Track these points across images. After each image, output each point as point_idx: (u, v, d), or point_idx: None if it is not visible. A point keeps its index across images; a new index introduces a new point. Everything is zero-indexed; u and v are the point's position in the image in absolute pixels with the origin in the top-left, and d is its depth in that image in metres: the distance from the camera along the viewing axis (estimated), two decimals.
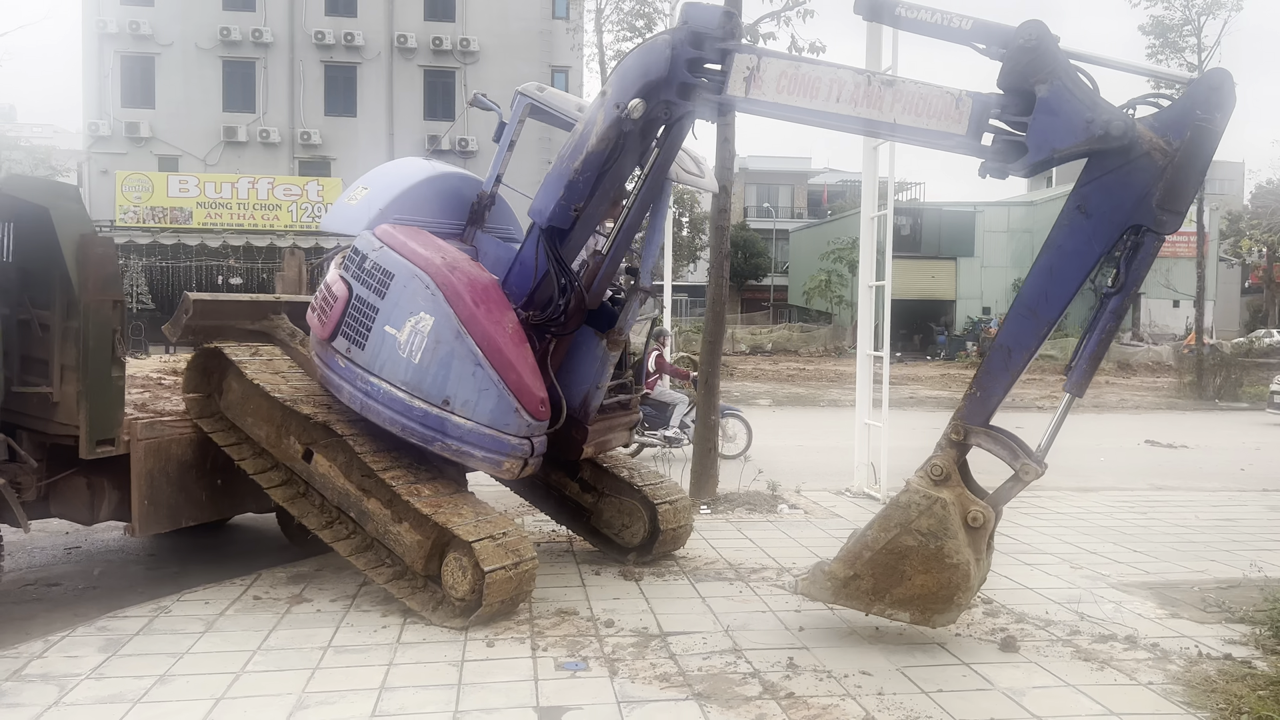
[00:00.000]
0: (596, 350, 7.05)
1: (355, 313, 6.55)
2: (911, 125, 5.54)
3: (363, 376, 6.50)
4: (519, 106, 7.20)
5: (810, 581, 5.96)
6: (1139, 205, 5.27)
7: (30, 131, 49.03)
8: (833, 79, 5.67)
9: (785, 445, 15.95)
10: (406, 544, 6.35)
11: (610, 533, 7.95)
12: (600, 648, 5.86)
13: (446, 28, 41.32)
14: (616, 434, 7.68)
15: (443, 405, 6.30)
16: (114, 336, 6.46)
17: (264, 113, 40.48)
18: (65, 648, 5.76)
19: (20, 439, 6.70)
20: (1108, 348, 5.64)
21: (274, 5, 40.30)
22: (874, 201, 11.13)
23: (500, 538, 6.22)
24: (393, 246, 6.51)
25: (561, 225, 6.74)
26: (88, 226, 6.47)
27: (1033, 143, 5.33)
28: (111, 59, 39.18)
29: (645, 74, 6.16)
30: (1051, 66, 5.22)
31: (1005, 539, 8.92)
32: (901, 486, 5.78)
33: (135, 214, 34.27)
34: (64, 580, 7.76)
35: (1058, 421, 5.66)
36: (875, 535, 5.73)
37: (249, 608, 6.58)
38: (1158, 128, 5.26)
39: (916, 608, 5.68)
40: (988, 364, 5.70)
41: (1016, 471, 5.59)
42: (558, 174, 6.66)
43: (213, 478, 7.32)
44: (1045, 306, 5.54)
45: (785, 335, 47.62)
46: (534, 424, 6.42)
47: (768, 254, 63.15)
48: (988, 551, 5.90)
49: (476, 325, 6.24)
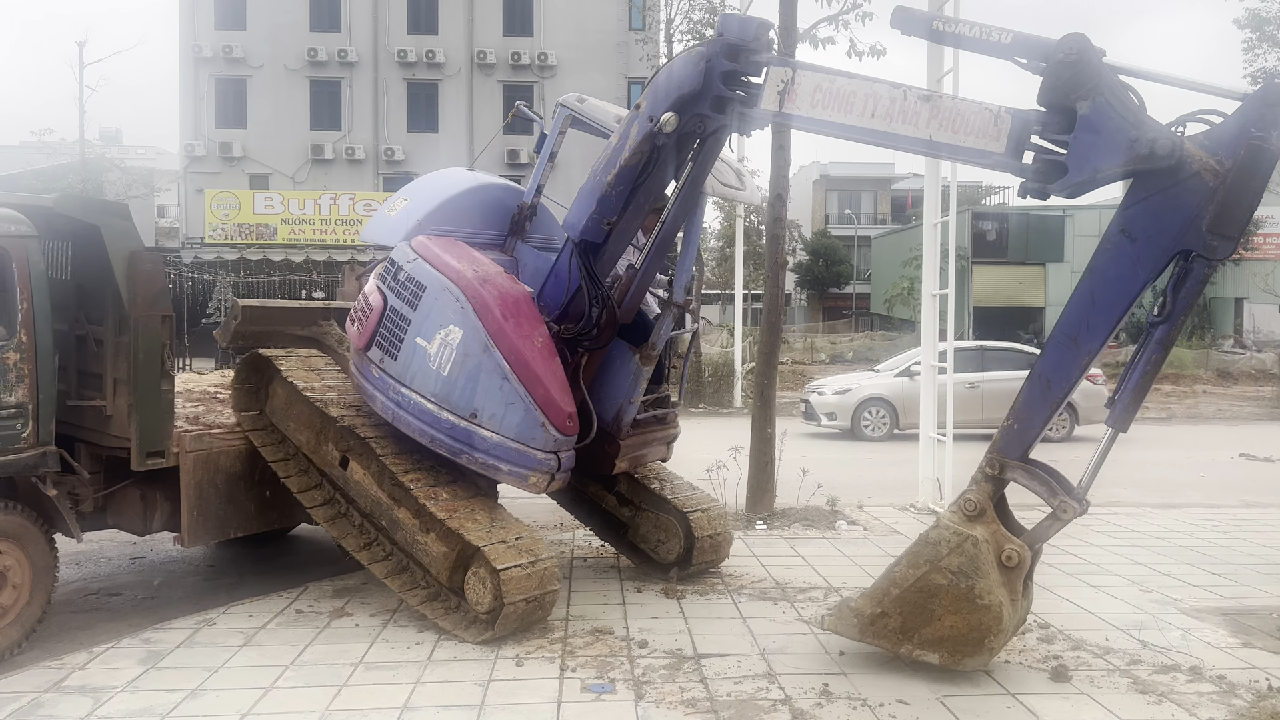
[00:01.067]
0: (630, 365, 6.97)
1: (389, 324, 6.60)
2: (948, 142, 5.31)
3: (394, 387, 6.54)
4: (559, 118, 7.18)
5: (837, 618, 5.73)
6: (1188, 229, 4.94)
7: (134, 154, 51.28)
8: (868, 93, 5.46)
9: (854, 458, 15.59)
10: (433, 555, 6.38)
11: (647, 548, 7.85)
12: (630, 669, 5.74)
13: (524, 42, 41.77)
14: (653, 448, 7.58)
15: (470, 418, 6.30)
16: (163, 350, 6.62)
17: (349, 130, 41.47)
18: (108, 659, 5.89)
19: (78, 451, 6.92)
20: (1153, 380, 5.28)
21: (359, 25, 41.30)
22: (937, 208, 10.80)
23: (514, 541, 6.22)
24: (426, 258, 6.53)
25: (594, 239, 6.71)
26: (137, 244, 6.63)
27: (1073, 162, 5.05)
28: (206, 82, 40.61)
29: (679, 87, 6.05)
30: (1094, 82, 4.93)
31: (1073, 559, 8.54)
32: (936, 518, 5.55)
33: (223, 231, 35.46)
34: (125, 590, 7.97)
35: (1099, 457, 5.37)
36: (904, 572, 5.49)
37: (290, 621, 6.65)
38: (1208, 146, 4.92)
39: (946, 649, 5.40)
40: (1026, 395, 5.41)
41: (1054, 509, 5.30)
42: (591, 187, 6.61)
43: (261, 489, 7.44)
44: (1087, 335, 5.23)
45: (866, 344, 46.74)
46: (561, 439, 6.36)
47: (849, 261, 62.22)
48: (1025, 592, 5.60)
49: (504, 339, 6.21)
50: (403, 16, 41.33)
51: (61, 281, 6.85)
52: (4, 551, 6.10)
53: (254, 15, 40.43)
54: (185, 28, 40.25)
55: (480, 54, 41.32)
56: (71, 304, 6.84)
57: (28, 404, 6.13)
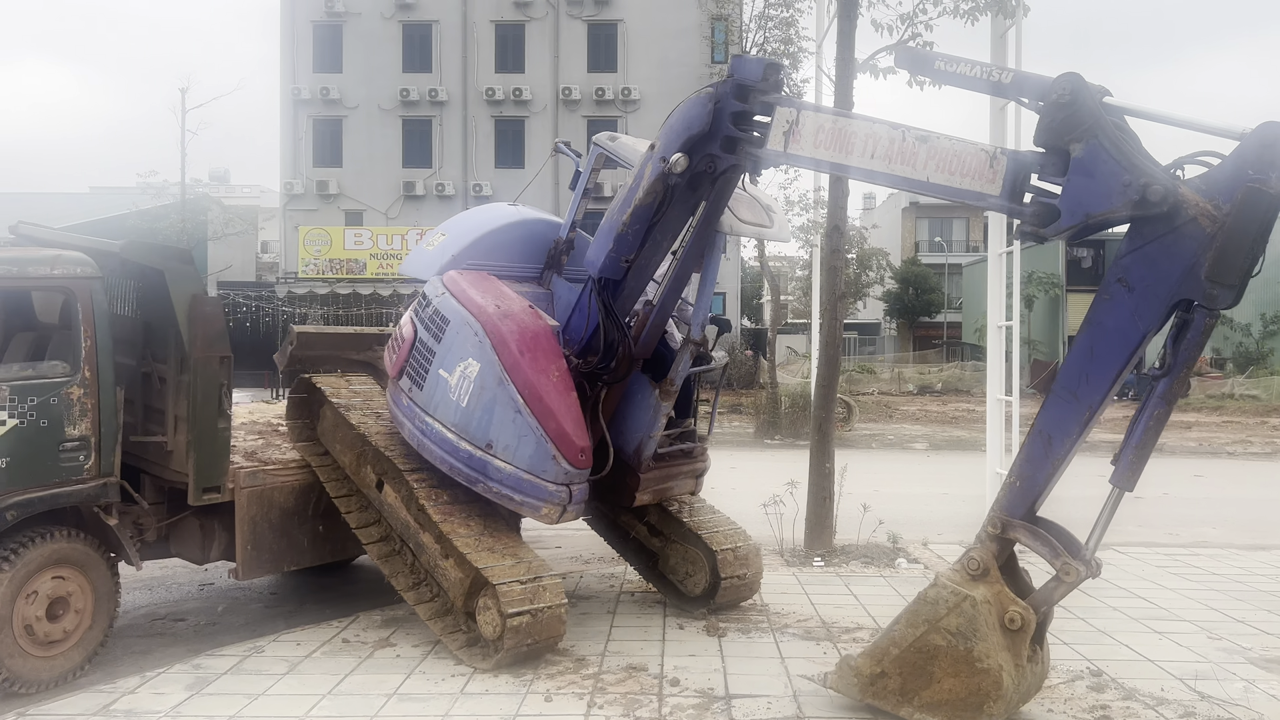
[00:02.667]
0: (650, 400, 7.07)
1: (417, 355, 6.88)
2: (944, 184, 5.24)
3: (420, 415, 6.79)
4: (592, 155, 7.41)
5: (838, 676, 5.61)
6: (1186, 277, 4.72)
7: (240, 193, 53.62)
8: (868, 134, 5.46)
9: (928, 493, 15.22)
10: (451, 580, 6.56)
11: (675, 579, 7.89)
12: (658, 708, 5.71)
13: (608, 78, 42.43)
14: (678, 482, 7.64)
15: (486, 448, 6.50)
16: (220, 390, 6.88)
17: (439, 167, 42.64)
18: (157, 684, 6.12)
19: (143, 483, 7.23)
20: (1157, 437, 5.01)
21: (449, 66, 42.55)
22: (1002, 238, 10.57)
23: (529, 582, 6.31)
24: (453, 293, 6.79)
25: (613, 276, 6.88)
26: (199, 287, 6.95)
27: (1066, 206, 4.92)
28: (304, 122, 42.32)
29: (688, 128, 6.16)
30: (1088, 124, 4.79)
31: (1141, 603, 8.20)
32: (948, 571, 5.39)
33: (315, 266, 36.79)
34: (189, 615, 8.27)
35: (1106, 518, 5.15)
36: (903, 631, 5.33)
37: (335, 650, 6.81)
38: (1205, 190, 4.70)
39: (945, 714, 5.21)
40: (1027, 451, 5.24)
41: (1057, 571, 5.08)
42: (608, 226, 6.76)
43: (314, 524, 7.67)
44: (1086, 389, 5.03)
45: (956, 374, 45.72)
46: (573, 472, 6.48)
47: (940, 289, 61.07)
48: (1034, 658, 5.35)
49: (519, 373, 6.39)
50: (491, 56, 42.46)
51: (130, 319, 7.21)
52: (67, 578, 6.39)
53: (350, 58, 42.06)
54: (286, 71, 42.07)
55: (565, 90, 42.10)
56: (139, 341, 7.19)
57: (90, 437, 6.44)
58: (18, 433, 6.10)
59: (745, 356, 38.73)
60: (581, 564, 9.59)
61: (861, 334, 67.10)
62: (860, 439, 23.13)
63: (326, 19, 41.78)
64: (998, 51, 10.62)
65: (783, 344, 44.47)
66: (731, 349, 37.92)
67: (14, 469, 6.09)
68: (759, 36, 24.87)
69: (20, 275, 6.38)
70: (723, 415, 26.92)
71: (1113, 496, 5.14)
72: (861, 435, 24.02)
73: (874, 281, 50.45)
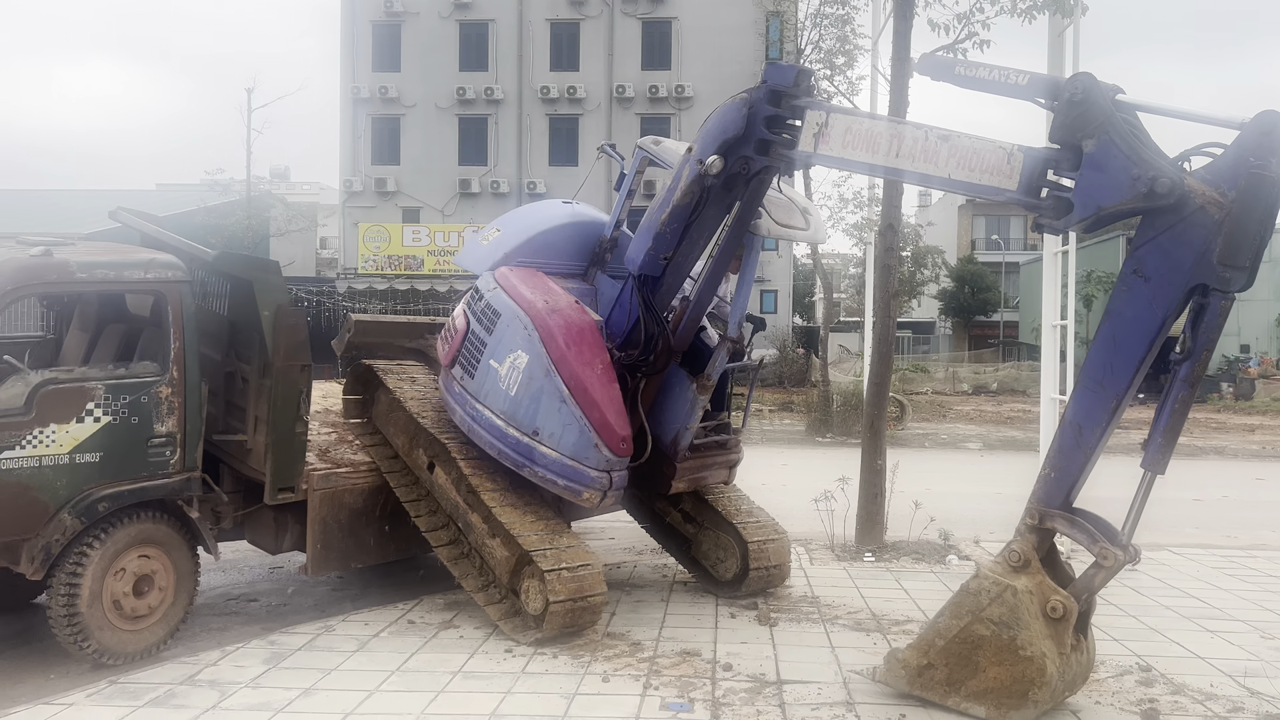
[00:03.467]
0: (687, 393, 7.37)
1: (469, 345, 7.26)
2: (965, 180, 5.49)
3: (471, 402, 7.17)
4: (636, 158, 7.80)
5: (886, 669, 5.76)
6: (1199, 264, 4.91)
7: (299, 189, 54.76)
8: (893, 134, 5.72)
9: (981, 492, 15.19)
10: (498, 558, 6.92)
11: (707, 565, 8.19)
12: (711, 690, 5.92)
13: (662, 76, 42.60)
14: (713, 472, 7.92)
15: (532, 435, 6.85)
16: (299, 397, 7.18)
17: (495, 165, 43.16)
18: (237, 658, 6.47)
19: (222, 473, 7.58)
20: (1184, 419, 5.18)
21: (504, 64, 43.04)
22: (1057, 237, 10.56)
23: (564, 549, 6.70)
24: (505, 289, 7.17)
25: (653, 273, 7.21)
26: (285, 298, 7.21)
27: (1078, 200, 5.13)
28: (364, 121, 43.10)
29: (724, 132, 6.44)
30: (1100, 121, 5.01)
31: (1195, 603, 8.22)
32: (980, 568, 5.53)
33: (374, 262, 37.58)
34: (262, 596, 8.66)
35: (1140, 502, 5.27)
36: (947, 623, 5.48)
37: (401, 630, 7.11)
38: (1210, 180, 4.91)
39: (991, 702, 5.35)
40: (1059, 442, 5.42)
41: (1096, 558, 5.21)
42: (647, 225, 7.09)
43: (380, 524, 8.02)
44: (1112, 379, 5.21)
45: (1012, 374, 45.17)
46: (613, 459, 6.81)
47: (997, 288, 60.30)
48: (1079, 647, 5.47)
49: (566, 365, 6.73)
50: (546, 54, 42.83)
51: (219, 316, 7.54)
52: (152, 557, 6.77)
53: (408, 58, 42.72)
54: (346, 71, 42.86)
55: (619, 88, 42.35)
56: (225, 339, 7.51)
57: (176, 434, 6.80)
58: (110, 429, 6.48)
59: (797, 355, 38.69)
60: (635, 555, 9.82)
61: (916, 333, 66.52)
62: (913, 438, 23.07)
63: (385, 19, 42.47)
64: (1055, 51, 10.62)
65: (835, 342, 44.32)
66: (783, 346, 37.89)
67: (106, 463, 6.46)
68: (814, 34, 24.91)
69: (117, 279, 6.76)
70: (774, 413, 27.03)
71: (1145, 481, 5.28)
72: (914, 434, 23.96)
73: (929, 280, 50.03)
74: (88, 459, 6.40)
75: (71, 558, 6.35)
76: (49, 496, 6.26)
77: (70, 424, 6.34)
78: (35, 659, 6.76)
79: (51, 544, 6.27)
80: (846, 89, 24.47)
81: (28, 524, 6.21)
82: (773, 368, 36.87)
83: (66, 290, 7.04)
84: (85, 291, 7.11)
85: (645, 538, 9.19)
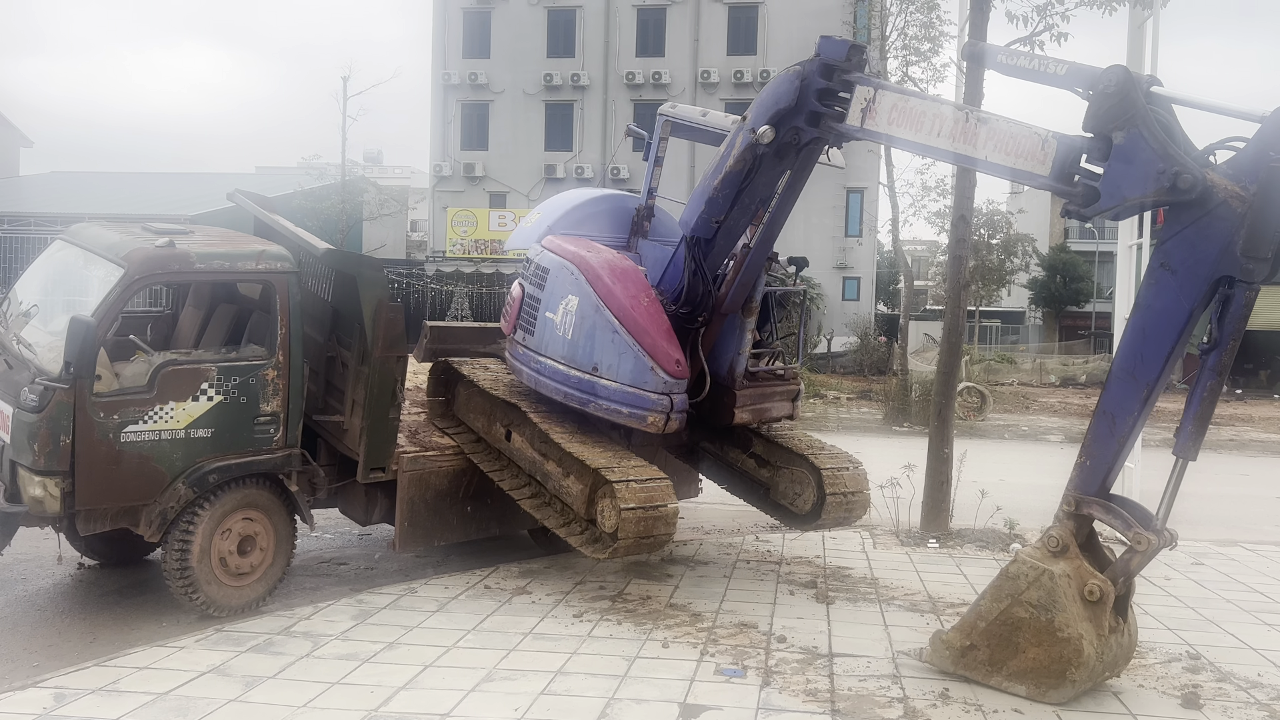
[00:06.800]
0: (734, 320, 7.78)
1: (527, 307, 7.85)
2: (999, 163, 5.67)
3: (534, 358, 7.72)
4: (658, 124, 8.25)
5: (932, 650, 6.03)
6: (1223, 256, 5.04)
7: (391, 173, 56.16)
8: (935, 114, 5.93)
9: (1055, 484, 15.06)
10: (573, 493, 7.38)
11: (786, 503, 8.42)
12: (765, 659, 6.26)
13: (748, 61, 42.57)
14: (775, 403, 8.21)
15: (592, 371, 7.32)
16: (394, 385, 7.68)
17: (580, 150, 43.75)
18: (328, 613, 7.04)
19: (319, 447, 8.14)
20: (1214, 407, 5.33)
21: (591, 50, 43.55)
22: (1133, 229, 10.56)
23: (631, 469, 7.11)
24: (552, 249, 7.76)
25: (705, 235, 7.61)
26: (385, 293, 7.69)
27: (1105, 189, 5.29)
28: (453, 107, 44.12)
29: (776, 103, 6.74)
30: (1131, 114, 5.14)
31: (1256, 596, 8.25)
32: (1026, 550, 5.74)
33: (461, 246, 38.53)
34: (350, 560, 9.27)
35: (1173, 488, 5.44)
36: (988, 606, 5.72)
37: (478, 594, 7.61)
38: (1233, 174, 5.02)
39: (1031, 681, 5.58)
40: (1093, 432, 5.61)
41: (1130, 542, 5.39)
42: (701, 190, 7.50)
43: (464, 505, 8.54)
44: (1142, 369, 5.38)
45: (1102, 366, 43.99)
46: (670, 381, 7.18)
47: (1090, 278, 58.73)
48: (1118, 629, 5.65)
49: (613, 299, 7.21)
50: (632, 40, 43.16)
51: (324, 301, 8.08)
52: (255, 520, 7.38)
53: (497, 44, 43.52)
54: (437, 57, 43.88)
55: (704, 74, 42.46)
56: (328, 324, 8.06)
57: (280, 413, 7.35)
58: (221, 407, 7.07)
59: (879, 343, 38.42)
60: (702, 534, 10.18)
61: (1005, 322, 65.10)
62: (993, 429, 22.88)
63: (476, 6, 43.31)
64: (1135, 42, 10.58)
65: (920, 331, 43.85)
66: (864, 334, 37.71)
67: (217, 438, 7.06)
68: (900, 20, 24.71)
69: (231, 269, 7.34)
70: (852, 400, 27.02)
71: (1178, 467, 5.46)
72: (994, 425, 23.73)
73: (1019, 268, 48.99)
74: (201, 434, 6.98)
75: (185, 517, 6.97)
76: (166, 467, 6.86)
77: (186, 402, 6.93)
78: (150, 608, 7.44)
79: (168, 510, 6.88)
80: (931, 76, 24.28)
81: (147, 491, 6.84)
82: (853, 355, 36.73)
83: (187, 279, 7.61)
84: (202, 280, 7.72)
85: (713, 518, 9.55)
